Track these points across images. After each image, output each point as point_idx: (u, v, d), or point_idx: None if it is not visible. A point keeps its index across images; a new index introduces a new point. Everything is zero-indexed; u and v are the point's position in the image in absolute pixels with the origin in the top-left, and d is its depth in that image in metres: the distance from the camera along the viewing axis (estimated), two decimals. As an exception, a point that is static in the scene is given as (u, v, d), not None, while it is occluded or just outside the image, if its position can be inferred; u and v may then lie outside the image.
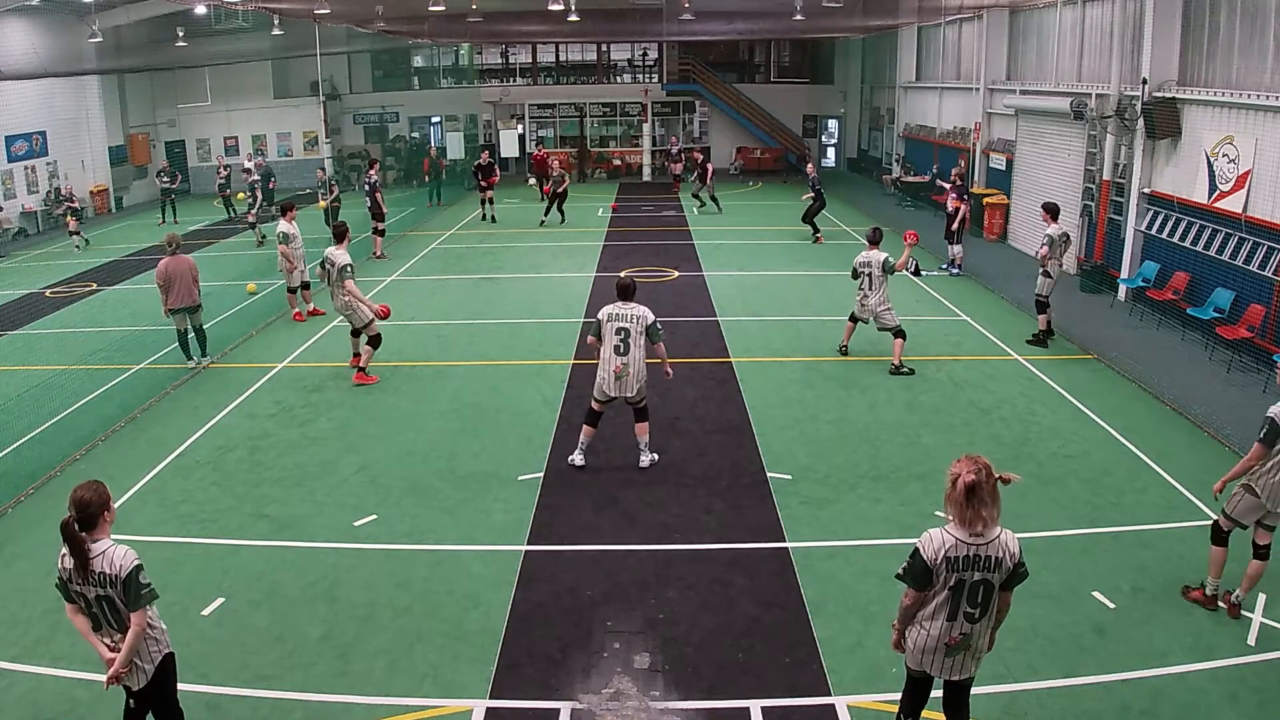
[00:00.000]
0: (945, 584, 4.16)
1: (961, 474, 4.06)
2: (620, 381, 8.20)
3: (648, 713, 5.41)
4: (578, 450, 8.65)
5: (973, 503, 4.04)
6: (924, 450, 9.00)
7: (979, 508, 4.05)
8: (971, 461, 4.09)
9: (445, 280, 16.93)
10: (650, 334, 8.20)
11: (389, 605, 6.49)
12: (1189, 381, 10.74)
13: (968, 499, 4.04)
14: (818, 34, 30.18)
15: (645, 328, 8.17)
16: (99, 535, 4.31)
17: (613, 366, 8.18)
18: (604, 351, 8.25)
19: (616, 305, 8.28)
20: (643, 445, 8.60)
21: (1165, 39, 13.57)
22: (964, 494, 4.05)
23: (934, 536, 4.16)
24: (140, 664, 4.43)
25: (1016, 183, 19.72)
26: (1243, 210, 11.88)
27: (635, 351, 8.16)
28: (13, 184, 23.14)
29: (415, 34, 26.36)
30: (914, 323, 13.54)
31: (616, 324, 8.18)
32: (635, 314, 8.19)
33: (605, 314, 8.26)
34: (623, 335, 8.14)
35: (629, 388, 8.22)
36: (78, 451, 9.28)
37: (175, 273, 11.59)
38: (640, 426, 8.53)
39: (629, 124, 33.97)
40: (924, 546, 4.16)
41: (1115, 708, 5.35)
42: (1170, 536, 7.29)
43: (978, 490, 4.04)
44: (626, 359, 8.15)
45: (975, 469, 4.06)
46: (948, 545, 4.12)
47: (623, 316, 8.19)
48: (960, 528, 4.12)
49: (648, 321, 8.18)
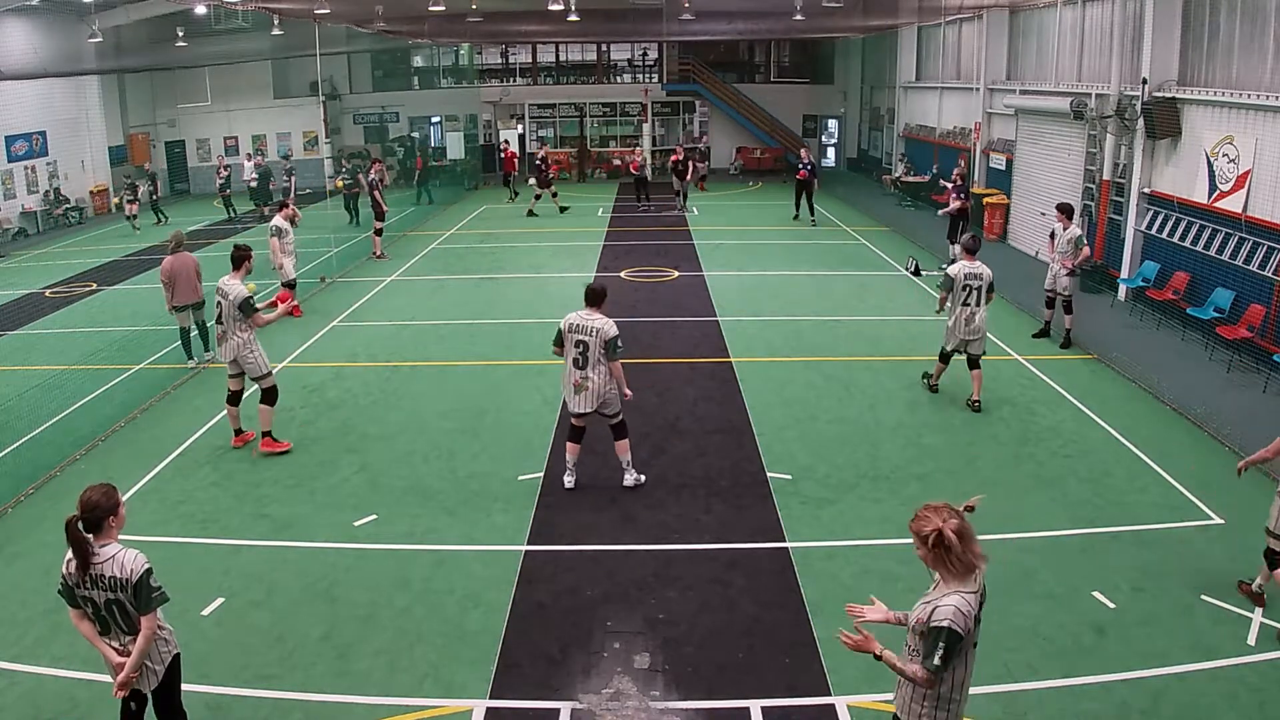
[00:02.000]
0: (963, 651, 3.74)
1: (943, 523, 3.65)
2: (579, 396, 7.81)
3: (648, 713, 5.41)
4: (567, 471, 8.24)
5: (968, 543, 3.65)
6: (924, 450, 9.00)
7: (972, 544, 3.67)
8: (935, 510, 3.71)
9: (445, 280, 16.93)
10: (608, 350, 7.71)
11: (389, 605, 6.50)
12: (1189, 381, 10.74)
13: (963, 543, 3.64)
14: (818, 34, 30.17)
15: (605, 342, 7.69)
16: (106, 539, 4.31)
17: (573, 379, 7.81)
18: (565, 363, 7.88)
19: (580, 314, 7.83)
20: (624, 464, 8.17)
21: (1165, 39, 13.56)
22: (958, 539, 3.63)
23: (961, 609, 3.64)
24: (151, 665, 4.44)
25: (1016, 183, 19.72)
26: (1243, 210, 11.88)
27: (594, 365, 7.74)
28: (13, 184, 23.14)
29: (415, 34, 26.35)
30: (914, 323, 13.58)
31: (576, 335, 7.75)
32: (596, 326, 7.71)
33: (567, 323, 7.82)
34: (581, 348, 7.73)
35: (588, 402, 7.82)
36: (78, 451, 9.28)
37: (179, 270, 11.75)
38: (619, 445, 8.11)
39: (629, 124, 33.92)
40: (956, 624, 3.62)
41: (1115, 708, 5.35)
42: (1170, 536, 7.29)
43: (965, 531, 3.66)
44: (585, 372, 7.75)
45: (949, 513, 3.68)
46: (970, 611, 3.66)
47: (583, 329, 7.74)
48: (965, 583, 3.68)
49: (607, 336, 7.69)
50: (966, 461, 8.73)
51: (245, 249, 9.11)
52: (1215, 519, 7.55)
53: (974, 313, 9.80)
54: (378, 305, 15.19)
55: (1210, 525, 7.46)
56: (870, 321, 13.70)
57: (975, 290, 9.78)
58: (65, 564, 4.33)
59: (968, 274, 9.80)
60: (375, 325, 13.87)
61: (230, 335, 8.83)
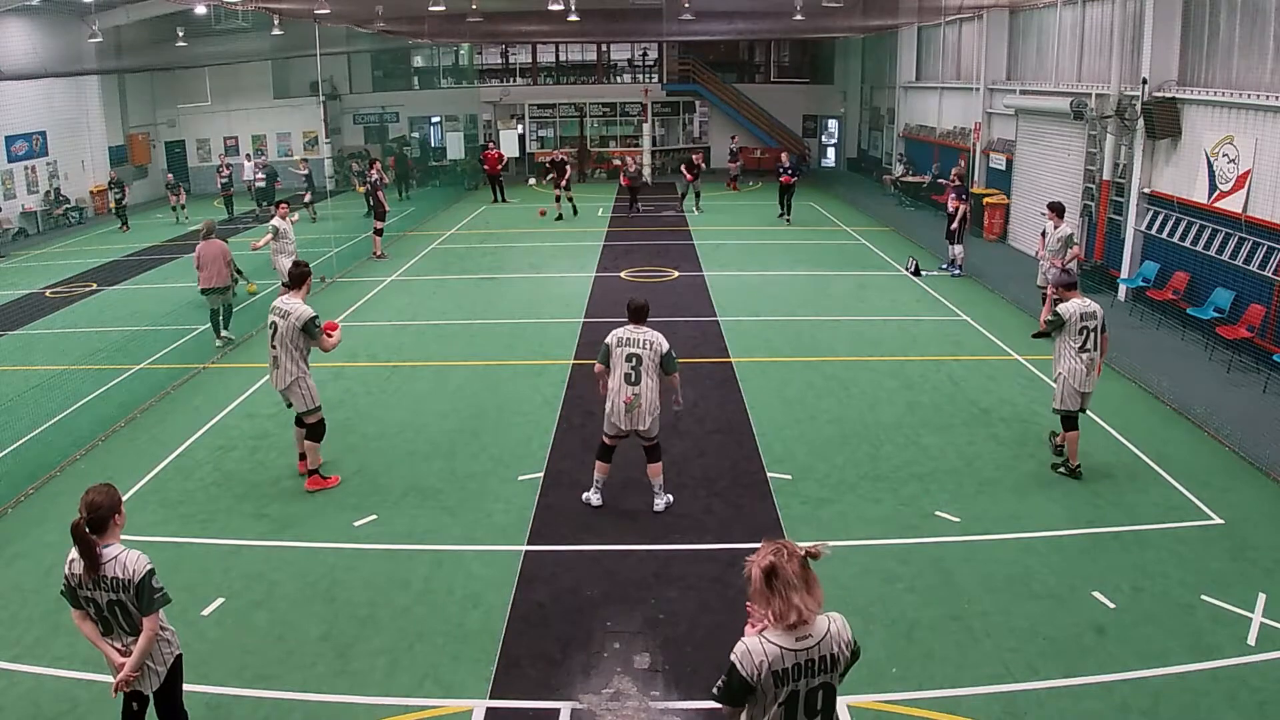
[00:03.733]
0: (776, 700, 3.36)
1: (754, 561, 3.34)
2: (631, 414, 7.42)
3: (648, 713, 5.41)
4: (593, 489, 7.93)
5: (776, 588, 3.28)
6: (924, 450, 9.00)
7: (788, 593, 3.28)
8: (767, 546, 3.36)
9: (445, 280, 16.93)
10: (665, 364, 7.41)
11: (389, 605, 6.49)
12: (1189, 381, 10.73)
13: (769, 586, 3.28)
14: (818, 34, 30.16)
15: (660, 357, 7.39)
16: (109, 539, 4.32)
17: (623, 396, 7.39)
18: (613, 381, 7.47)
19: (628, 329, 7.48)
20: (656, 487, 7.82)
21: (1165, 39, 13.57)
22: (762, 581, 3.29)
23: (752, 649, 3.31)
24: (153, 666, 4.45)
25: (1016, 183, 19.72)
26: (1243, 210, 11.88)
27: (647, 380, 7.39)
28: (13, 184, 23.14)
29: (415, 34, 26.34)
30: (914, 323, 13.58)
31: (628, 349, 7.39)
32: (649, 339, 7.42)
33: (615, 338, 7.46)
34: (634, 363, 7.37)
35: (641, 420, 7.44)
36: (78, 452, 9.28)
37: (209, 256, 12.66)
38: (652, 467, 7.75)
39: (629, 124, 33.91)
40: (741, 662, 3.32)
41: (1115, 708, 5.35)
42: (1170, 536, 7.28)
43: (778, 572, 3.29)
44: (638, 389, 7.37)
45: (771, 549, 3.33)
46: (771, 657, 3.30)
47: (635, 342, 7.41)
48: (779, 630, 3.32)
49: (663, 350, 7.40)
50: (966, 462, 8.73)
51: (305, 266, 8.35)
52: (1215, 519, 7.54)
53: (1093, 359, 8.03)
54: (378, 305, 15.19)
55: (1210, 525, 7.46)
56: (870, 321, 13.71)
57: (1092, 332, 8.01)
58: (68, 564, 4.34)
59: (1084, 313, 8.00)
60: (375, 325, 13.87)
61: (283, 362, 7.96)
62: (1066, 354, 8.04)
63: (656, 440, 7.72)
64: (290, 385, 8.00)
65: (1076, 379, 7.98)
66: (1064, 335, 8.02)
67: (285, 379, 7.99)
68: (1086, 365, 7.97)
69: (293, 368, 7.95)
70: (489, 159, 27.06)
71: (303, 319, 7.90)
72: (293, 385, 8.00)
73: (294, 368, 7.95)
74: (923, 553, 7.09)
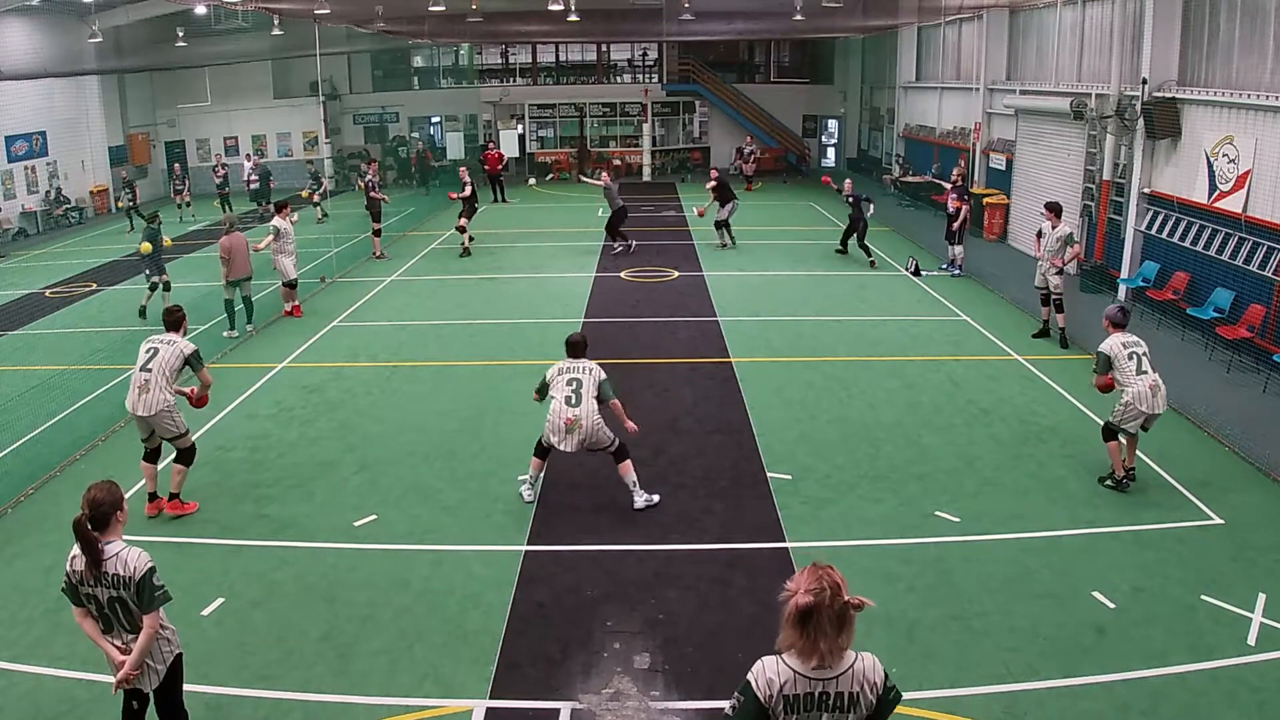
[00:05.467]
0: None
1: (798, 591, 3.07)
2: (570, 435, 7.57)
3: (648, 713, 5.41)
4: (527, 484, 8.06)
5: (808, 630, 3.06)
6: (924, 450, 9.00)
7: (816, 637, 3.05)
8: (815, 577, 3.08)
9: (445, 280, 16.93)
10: (601, 392, 7.63)
11: (389, 605, 6.49)
12: (1189, 381, 10.73)
13: (801, 625, 3.06)
14: (818, 34, 30.17)
15: (598, 383, 7.63)
16: (111, 536, 4.34)
17: (563, 418, 7.57)
18: (554, 405, 7.68)
19: (566, 362, 7.79)
20: (631, 485, 7.88)
21: (1165, 39, 13.57)
22: (796, 618, 3.07)
23: (766, 667, 3.17)
24: (153, 665, 4.45)
25: (1016, 183, 19.72)
26: (1243, 210, 11.88)
27: (588, 404, 7.58)
28: (13, 184, 23.14)
29: (415, 34, 26.35)
30: (914, 323, 13.58)
31: (569, 375, 7.67)
32: (588, 366, 7.72)
33: (555, 369, 7.78)
34: (575, 386, 7.60)
35: (574, 443, 7.60)
36: (78, 451, 9.28)
37: (235, 248, 13.04)
38: (622, 466, 7.84)
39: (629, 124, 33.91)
40: (755, 680, 3.17)
41: (1115, 708, 5.35)
42: (1170, 536, 7.29)
43: (815, 615, 3.04)
44: (579, 411, 7.54)
45: (816, 588, 3.05)
46: (784, 679, 3.13)
47: (575, 368, 7.71)
48: (798, 658, 3.13)
49: (600, 378, 7.66)
50: (966, 462, 8.73)
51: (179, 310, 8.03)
52: (1215, 519, 7.54)
53: (1157, 381, 7.93)
54: (378, 305, 15.19)
55: (1210, 525, 7.46)
56: (870, 322, 13.71)
57: (1141, 357, 8.00)
58: (69, 561, 4.35)
59: (1125, 343, 8.05)
60: (375, 325, 13.87)
61: (154, 388, 7.49)
62: (1129, 382, 7.95)
63: (613, 444, 7.77)
64: (158, 413, 7.54)
65: (1143, 401, 7.87)
66: (1117, 367, 7.99)
67: (154, 406, 7.50)
68: (1150, 387, 7.87)
69: (163, 396, 7.55)
70: (489, 159, 27.08)
71: (189, 349, 7.72)
72: (161, 413, 7.56)
73: (165, 396, 7.56)
74: (923, 553, 7.09)
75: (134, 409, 7.58)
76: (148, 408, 7.50)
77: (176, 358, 7.64)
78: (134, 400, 7.55)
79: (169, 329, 7.86)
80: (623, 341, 12.70)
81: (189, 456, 7.89)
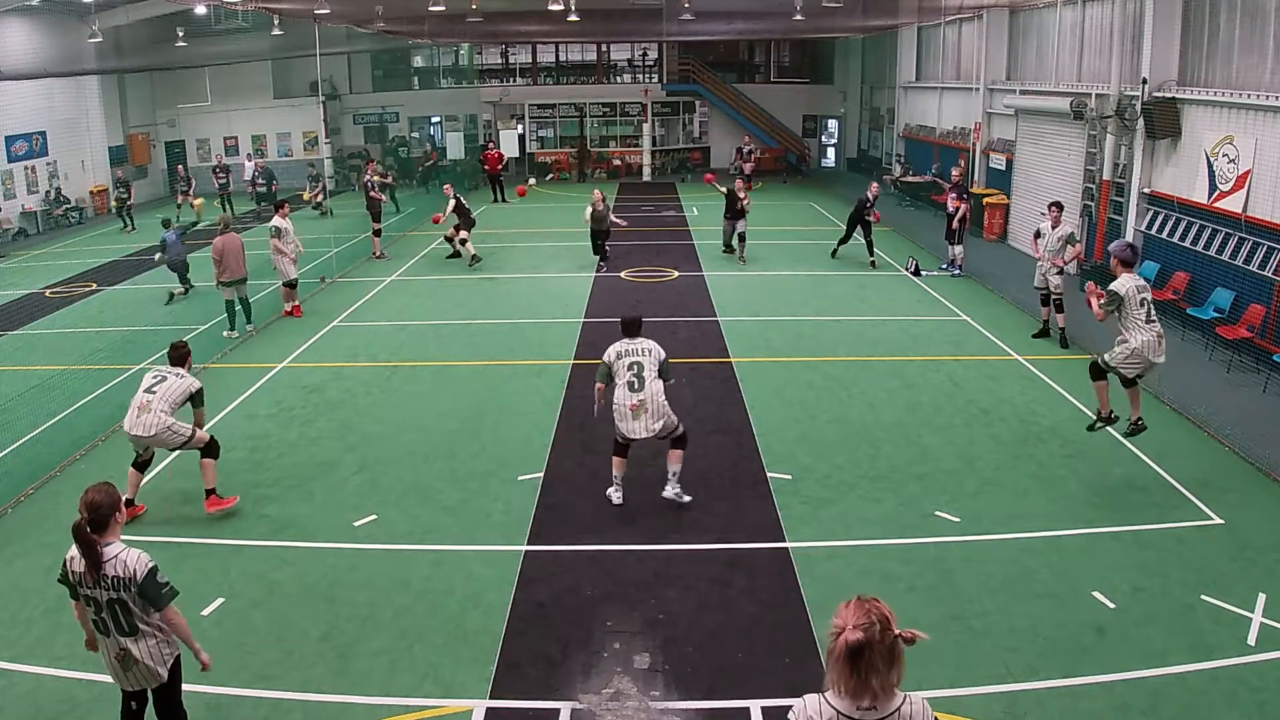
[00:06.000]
0: None
1: (846, 628, 2.86)
2: (638, 420, 7.57)
3: (648, 713, 5.41)
4: (614, 487, 7.97)
5: (858, 668, 2.84)
6: (924, 450, 9.00)
7: (868, 675, 2.85)
8: (863, 611, 2.87)
9: (445, 280, 16.93)
10: (663, 370, 7.66)
11: (389, 605, 6.49)
12: (1189, 381, 10.73)
13: (851, 664, 2.85)
14: (818, 34, 30.16)
15: (659, 362, 7.65)
16: (109, 538, 4.34)
17: (629, 404, 7.57)
18: (617, 393, 7.67)
19: (624, 343, 7.75)
20: (671, 474, 7.86)
21: (1165, 39, 13.57)
22: (845, 656, 2.85)
23: (808, 705, 2.99)
24: (153, 665, 4.47)
25: (1016, 183, 19.72)
26: (1243, 210, 11.88)
27: (651, 385, 7.56)
28: (13, 184, 23.13)
29: (415, 34, 26.35)
30: (914, 323, 13.58)
31: (629, 359, 7.64)
32: (647, 347, 7.69)
33: (614, 352, 7.71)
34: (636, 370, 7.58)
35: (647, 427, 7.59)
36: (78, 451, 9.28)
37: (228, 249, 12.94)
38: (673, 453, 7.83)
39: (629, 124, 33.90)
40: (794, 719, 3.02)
41: (1115, 708, 5.35)
42: (1170, 536, 7.28)
43: (865, 653, 2.83)
44: (643, 394, 7.53)
45: (866, 622, 2.84)
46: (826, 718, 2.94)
47: (634, 352, 7.67)
48: (843, 697, 2.92)
49: (661, 356, 7.69)
50: (966, 462, 8.73)
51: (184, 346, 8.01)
52: (1215, 519, 7.54)
53: (1160, 331, 7.90)
54: (378, 305, 15.19)
55: (1210, 525, 7.46)
56: (870, 322, 13.71)
57: (1150, 304, 7.87)
58: (68, 561, 4.38)
59: (1138, 286, 7.86)
60: (375, 325, 13.87)
61: (156, 410, 7.50)
62: (1135, 328, 7.83)
63: (679, 430, 7.82)
64: (158, 433, 7.53)
65: (1150, 350, 7.80)
66: (1126, 311, 7.80)
67: (153, 427, 7.49)
68: (1156, 336, 7.82)
69: (164, 419, 7.54)
70: (489, 159, 27.10)
71: (195, 386, 7.76)
72: (160, 433, 7.53)
73: (165, 419, 7.54)
74: (923, 553, 7.09)
75: (131, 429, 7.57)
76: (146, 428, 7.51)
77: (183, 393, 7.67)
78: (132, 421, 7.56)
79: (174, 363, 7.86)
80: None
81: (213, 450, 7.85)
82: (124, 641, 4.38)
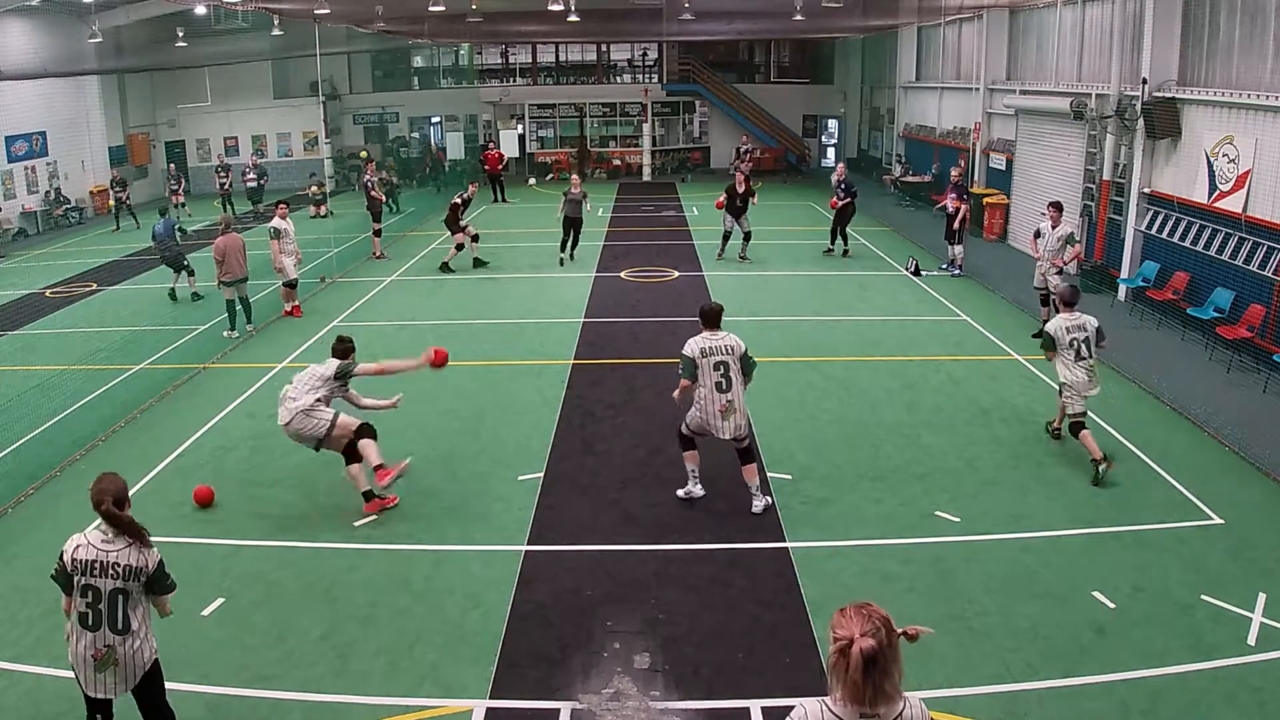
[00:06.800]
0: None
1: (854, 638, 2.82)
2: (727, 421, 7.44)
3: (648, 713, 5.41)
4: (692, 481, 7.95)
5: (871, 676, 2.81)
6: (924, 450, 9.00)
7: (881, 681, 2.83)
8: (863, 617, 2.85)
9: (445, 280, 16.92)
10: (745, 366, 7.50)
11: (389, 605, 6.49)
12: (1189, 381, 10.73)
13: (865, 673, 2.81)
14: (818, 34, 30.18)
15: (741, 358, 7.48)
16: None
17: (718, 405, 7.41)
18: (703, 390, 7.46)
19: (705, 336, 7.50)
20: (754, 489, 7.77)
21: (1165, 39, 13.56)
22: (860, 666, 2.81)
23: (808, 711, 2.96)
24: (133, 668, 4.50)
25: (1016, 183, 19.72)
26: (1243, 210, 11.88)
27: (737, 385, 7.45)
28: (13, 184, 23.13)
29: (415, 34, 26.36)
30: (914, 323, 13.58)
31: (715, 358, 7.42)
32: (730, 344, 7.48)
33: (698, 349, 7.45)
34: (723, 370, 7.41)
35: (737, 426, 7.48)
36: (78, 452, 9.28)
37: (229, 249, 12.94)
38: (748, 469, 7.74)
39: (629, 124, 33.90)
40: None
41: (1115, 708, 5.35)
42: (1170, 536, 7.28)
43: (879, 660, 2.81)
44: (730, 395, 7.41)
45: (872, 628, 2.82)
46: None
47: (719, 349, 7.44)
48: (848, 705, 2.89)
49: (742, 350, 7.49)
50: (966, 462, 8.73)
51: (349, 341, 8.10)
52: (1215, 519, 7.54)
53: (1092, 366, 8.45)
54: (378, 305, 15.19)
55: (1210, 525, 7.46)
56: (870, 321, 13.71)
57: (1082, 343, 8.42)
58: (71, 550, 4.43)
59: (1068, 327, 8.45)
60: (375, 325, 13.86)
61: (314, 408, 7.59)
62: (1066, 366, 8.49)
63: (749, 440, 7.74)
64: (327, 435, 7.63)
65: (1081, 387, 8.42)
66: (1060, 349, 8.49)
67: (320, 428, 7.58)
68: (1086, 373, 8.40)
69: (324, 415, 7.63)
70: (489, 159, 27.07)
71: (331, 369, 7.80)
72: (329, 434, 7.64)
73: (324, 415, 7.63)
74: (923, 553, 7.09)
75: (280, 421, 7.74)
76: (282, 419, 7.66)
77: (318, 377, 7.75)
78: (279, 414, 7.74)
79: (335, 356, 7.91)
80: (622, 341, 12.70)
81: (366, 431, 7.79)
82: (112, 638, 4.40)
